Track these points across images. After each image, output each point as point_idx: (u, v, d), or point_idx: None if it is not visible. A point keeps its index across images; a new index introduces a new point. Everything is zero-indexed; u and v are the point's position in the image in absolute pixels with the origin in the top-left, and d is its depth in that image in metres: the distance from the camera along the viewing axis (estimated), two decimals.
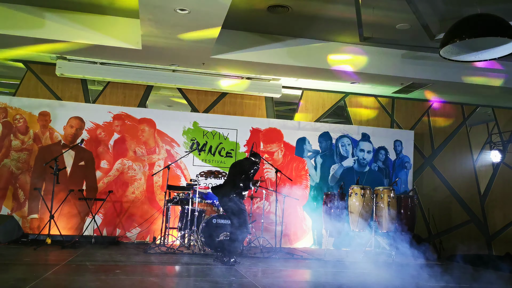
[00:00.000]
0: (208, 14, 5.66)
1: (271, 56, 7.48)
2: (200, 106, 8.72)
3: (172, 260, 6.07)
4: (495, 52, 5.24)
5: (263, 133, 8.65)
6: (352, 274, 5.75)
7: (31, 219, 7.62)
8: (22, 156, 7.76)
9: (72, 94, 8.28)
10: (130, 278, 4.63)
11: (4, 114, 7.78)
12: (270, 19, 6.88)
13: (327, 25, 7.02)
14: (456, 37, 4.96)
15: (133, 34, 6.97)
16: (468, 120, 9.99)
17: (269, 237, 7.83)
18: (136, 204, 7.98)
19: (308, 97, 9.25)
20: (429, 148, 9.71)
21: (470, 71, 8.07)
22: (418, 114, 9.73)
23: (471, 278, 5.80)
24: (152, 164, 8.14)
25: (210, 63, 7.63)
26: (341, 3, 6.27)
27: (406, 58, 7.90)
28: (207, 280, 4.69)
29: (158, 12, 5.63)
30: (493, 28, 4.81)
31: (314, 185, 8.74)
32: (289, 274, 5.63)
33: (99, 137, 8.02)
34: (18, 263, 5.37)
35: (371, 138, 9.09)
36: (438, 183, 9.65)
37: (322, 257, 7.16)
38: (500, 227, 9.83)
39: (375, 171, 9.06)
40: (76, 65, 7.85)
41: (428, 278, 5.65)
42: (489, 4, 5.94)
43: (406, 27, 6.93)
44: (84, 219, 7.76)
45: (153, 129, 8.23)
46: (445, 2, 6.12)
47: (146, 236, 7.90)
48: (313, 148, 8.84)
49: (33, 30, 6.71)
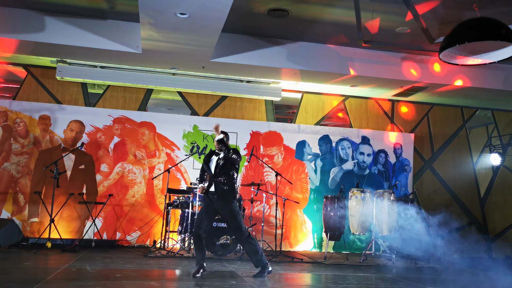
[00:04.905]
0: (208, 18, 5.67)
1: (271, 60, 7.50)
2: (200, 110, 8.73)
3: (172, 264, 6.07)
4: (494, 55, 5.25)
5: (263, 136, 8.66)
6: (352, 277, 5.75)
7: (31, 223, 7.62)
8: (22, 160, 7.76)
9: (72, 97, 8.28)
10: (130, 282, 4.62)
11: (4, 118, 7.78)
12: (270, 23, 6.90)
13: (327, 28, 7.04)
14: (456, 41, 4.97)
15: (133, 38, 6.98)
16: (468, 123, 10.00)
17: (269, 240, 7.83)
18: (136, 207, 7.98)
19: (308, 100, 9.26)
20: (429, 151, 9.72)
21: (469, 74, 8.09)
22: (418, 117, 9.75)
23: (471, 281, 5.79)
24: (152, 167, 8.15)
25: (210, 66, 7.64)
26: (341, 6, 6.28)
27: (405, 61, 7.92)
28: (208, 284, 4.69)
29: (158, 16, 5.65)
30: (493, 31, 4.83)
31: (314, 188, 8.74)
32: (289, 277, 5.63)
33: (99, 140, 8.03)
34: (18, 267, 5.36)
35: (371, 141, 9.10)
36: (438, 186, 9.65)
37: (322, 260, 7.16)
38: (500, 230, 9.83)
39: (375, 174, 9.06)
40: (76, 69, 7.86)
41: (428, 281, 5.65)
42: (489, 7, 5.95)
43: (405, 30, 6.95)
44: (84, 223, 7.76)
45: (153, 133, 8.23)
46: (444, 5, 6.14)
47: (146, 240, 7.89)
48: (313, 151, 8.84)
49: (34, 34, 6.72)
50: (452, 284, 5.67)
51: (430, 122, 9.80)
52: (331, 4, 6.23)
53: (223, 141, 5.20)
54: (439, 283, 5.66)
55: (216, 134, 5.18)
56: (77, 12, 6.79)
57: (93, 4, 6.51)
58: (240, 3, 6.17)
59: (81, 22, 6.88)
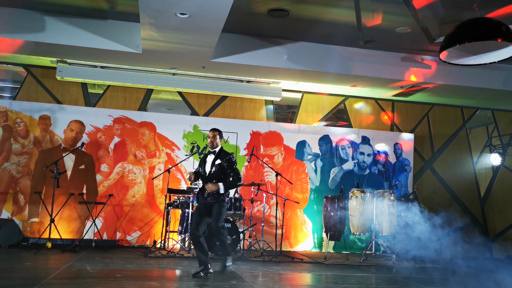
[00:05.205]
0: (208, 18, 5.67)
1: (271, 60, 7.49)
2: (200, 110, 8.73)
3: (172, 264, 6.07)
4: (495, 55, 5.25)
5: (263, 136, 8.66)
6: (352, 278, 5.75)
7: (31, 223, 7.62)
8: (23, 160, 7.76)
9: (72, 97, 8.28)
10: (130, 282, 4.62)
11: (5, 118, 7.78)
12: (270, 23, 6.90)
13: (327, 28, 7.04)
14: (456, 41, 4.97)
15: (133, 38, 6.98)
16: (468, 123, 10.00)
17: (270, 240, 7.83)
18: (137, 207, 7.98)
19: (308, 100, 9.26)
20: (429, 151, 9.72)
21: (469, 74, 8.09)
22: (418, 117, 9.74)
23: (471, 281, 5.79)
24: (152, 167, 8.15)
25: (210, 66, 7.64)
26: (341, 6, 6.28)
27: (405, 61, 7.91)
28: (208, 284, 4.69)
29: (159, 16, 5.65)
30: (493, 31, 4.82)
31: (314, 188, 8.74)
32: (290, 277, 5.63)
33: (100, 140, 8.03)
34: (18, 267, 5.36)
35: (371, 141, 9.09)
36: (438, 186, 9.65)
37: (323, 260, 7.16)
38: (500, 229, 9.83)
39: (375, 174, 9.06)
40: (76, 69, 7.87)
41: (428, 281, 5.65)
42: (489, 8, 5.95)
43: (406, 30, 6.95)
44: (85, 223, 7.76)
45: (153, 133, 8.23)
46: (444, 5, 6.14)
47: (147, 240, 7.89)
48: (313, 151, 8.84)
49: (34, 34, 6.72)
50: (452, 284, 5.67)
51: (430, 122, 9.80)
52: (331, 4, 6.23)
53: (219, 131, 5.36)
54: (439, 283, 5.66)
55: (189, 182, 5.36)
56: (77, 12, 6.79)
57: (93, 4, 6.51)
58: (240, 3, 6.17)
59: (81, 22, 6.88)
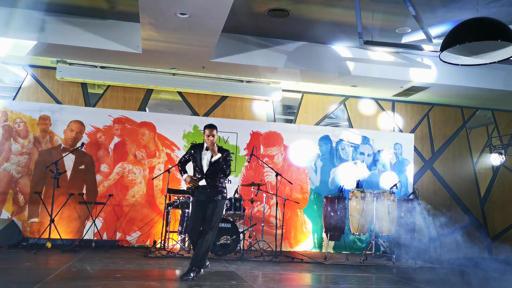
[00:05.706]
0: (208, 18, 5.67)
1: (271, 60, 7.50)
2: (200, 110, 8.73)
3: (172, 264, 6.07)
4: (495, 55, 5.25)
5: (263, 136, 8.65)
6: (352, 278, 5.75)
7: (31, 223, 7.61)
8: (22, 160, 7.76)
9: (72, 97, 8.28)
10: (130, 283, 4.62)
11: (5, 118, 7.78)
12: (270, 23, 6.90)
13: (327, 28, 7.04)
14: (456, 41, 4.97)
15: (133, 38, 6.98)
16: (468, 123, 10.00)
17: (270, 240, 7.83)
18: (136, 207, 7.98)
19: (308, 100, 9.26)
20: (429, 151, 9.72)
21: (470, 74, 8.09)
22: (418, 117, 9.75)
23: (471, 281, 5.79)
24: (152, 167, 8.14)
25: (210, 66, 7.64)
26: (341, 7, 6.28)
27: (405, 62, 7.91)
28: (208, 284, 4.69)
29: (159, 16, 5.65)
30: (493, 31, 4.82)
31: (314, 188, 8.74)
32: (290, 278, 5.63)
33: (99, 140, 8.02)
34: (18, 267, 5.35)
35: (371, 141, 9.09)
36: (438, 186, 9.65)
37: (323, 260, 7.16)
38: (500, 230, 9.83)
39: (375, 174, 9.06)
40: (76, 69, 7.88)
41: (428, 281, 5.65)
42: (489, 8, 5.95)
43: (406, 30, 6.95)
44: (84, 223, 7.75)
45: (153, 133, 8.23)
46: (444, 5, 6.14)
47: (147, 240, 7.89)
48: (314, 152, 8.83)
49: (34, 34, 6.72)
50: (452, 284, 5.67)
51: (430, 122, 9.80)
52: (331, 4, 6.23)
53: (217, 128, 5.19)
54: (439, 283, 5.66)
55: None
56: (77, 12, 6.80)
57: (93, 4, 6.51)
58: (240, 3, 6.17)
59: (81, 22, 6.89)
